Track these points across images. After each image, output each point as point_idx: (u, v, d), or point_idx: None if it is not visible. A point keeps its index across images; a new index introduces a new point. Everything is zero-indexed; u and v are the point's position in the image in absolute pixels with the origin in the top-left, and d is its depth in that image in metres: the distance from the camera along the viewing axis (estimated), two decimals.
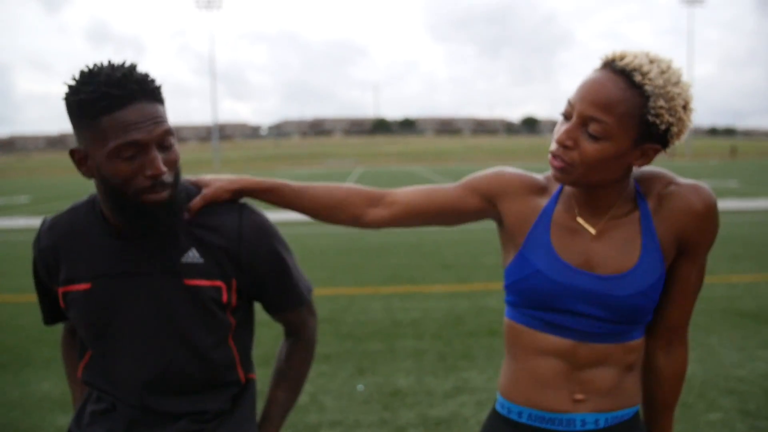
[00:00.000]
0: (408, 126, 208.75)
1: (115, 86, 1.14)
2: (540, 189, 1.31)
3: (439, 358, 4.32)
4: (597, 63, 1.18)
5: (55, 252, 1.32)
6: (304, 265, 1.49)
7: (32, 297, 1.53)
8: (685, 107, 1.15)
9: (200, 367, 1.32)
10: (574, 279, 1.23)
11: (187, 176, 1.39)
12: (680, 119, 1.14)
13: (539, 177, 1.33)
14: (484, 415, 3.34)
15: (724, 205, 14.25)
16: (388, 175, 34.76)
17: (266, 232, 1.36)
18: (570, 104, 1.18)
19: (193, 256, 1.29)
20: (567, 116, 1.19)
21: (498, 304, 5.71)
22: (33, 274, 1.40)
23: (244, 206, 1.36)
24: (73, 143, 1.25)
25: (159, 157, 1.18)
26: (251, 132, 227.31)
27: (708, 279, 1.32)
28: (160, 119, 1.18)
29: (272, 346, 4.05)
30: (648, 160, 1.19)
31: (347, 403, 3.60)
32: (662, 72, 1.13)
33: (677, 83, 1.14)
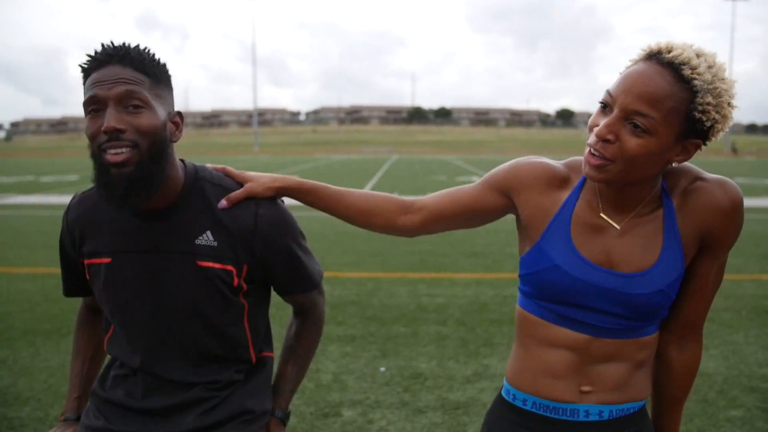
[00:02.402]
0: (444, 115, 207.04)
1: (99, 52, 1.21)
2: (560, 180, 1.26)
3: (461, 344, 4.37)
4: (638, 53, 1.14)
5: (81, 224, 1.38)
6: (334, 249, 1.55)
7: None
8: (730, 104, 1.11)
9: (217, 340, 1.38)
10: (593, 276, 1.20)
11: (218, 165, 1.41)
12: (725, 116, 1.11)
13: (559, 167, 1.28)
14: None
15: (758, 203, 13.82)
16: (423, 164, 34.65)
17: (281, 226, 1.37)
18: (610, 95, 1.12)
19: (207, 238, 1.32)
20: (606, 106, 1.13)
21: None
22: (59, 246, 1.44)
23: (265, 197, 1.37)
24: None
25: (116, 115, 1.17)
26: (290, 118, 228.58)
27: (738, 277, 1.32)
28: (125, 80, 1.18)
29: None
30: (688, 156, 1.15)
31: (369, 383, 3.68)
32: (710, 67, 1.09)
33: (724, 79, 1.10)
